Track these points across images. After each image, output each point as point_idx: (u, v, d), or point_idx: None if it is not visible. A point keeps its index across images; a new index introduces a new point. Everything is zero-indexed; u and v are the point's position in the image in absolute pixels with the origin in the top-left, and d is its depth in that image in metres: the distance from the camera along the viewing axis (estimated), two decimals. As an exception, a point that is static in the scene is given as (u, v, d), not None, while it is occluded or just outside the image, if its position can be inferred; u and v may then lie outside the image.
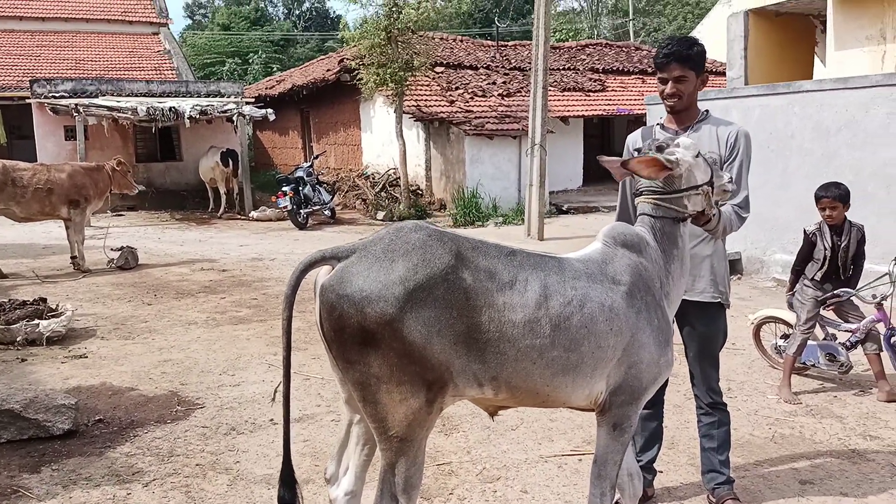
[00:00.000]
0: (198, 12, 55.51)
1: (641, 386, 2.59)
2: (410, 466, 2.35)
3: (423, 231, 2.34)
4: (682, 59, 3.13)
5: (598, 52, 23.04)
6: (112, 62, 21.97)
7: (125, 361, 5.76)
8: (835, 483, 3.68)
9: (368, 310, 2.17)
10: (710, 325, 3.33)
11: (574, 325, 2.40)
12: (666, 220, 2.75)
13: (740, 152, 3.19)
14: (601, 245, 2.69)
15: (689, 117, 3.28)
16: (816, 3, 11.37)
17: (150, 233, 14.04)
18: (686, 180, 2.75)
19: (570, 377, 2.45)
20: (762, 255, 8.47)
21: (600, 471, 2.67)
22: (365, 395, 2.29)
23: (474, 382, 2.35)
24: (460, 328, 2.25)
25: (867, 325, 4.86)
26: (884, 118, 7.31)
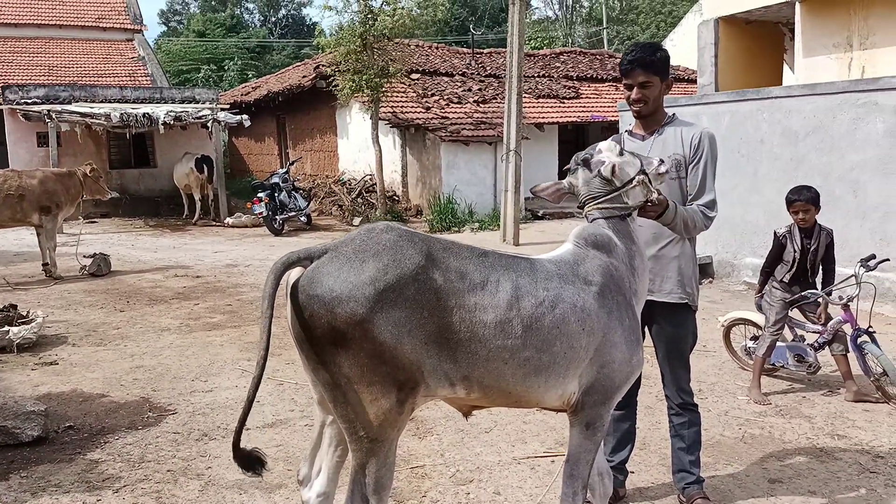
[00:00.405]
0: (173, 19, 55.17)
1: (614, 385, 2.62)
2: (381, 467, 2.34)
3: (394, 232, 2.34)
4: (645, 65, 3.18)
5: (572, 60, 23.22)
6: (85, 68, 21.73)
7: (96, 368, 5.70)
8: (803, 482, 3.74)
9: (338, 310, 2.17)
10: (679, 326, 3.37)
11: (546, 326, 2.41)
12: (616, 218, 2.81)
13: (704, 153, 3.23)
14: (572, 246, 2.73)
15: (656, 122, 3.33)
16: (785, 12, 11.59)
17: (123, 239, 13.90)
18: (619, 179, 2.81)
19: (543, 378, 2.46)
20: (733, 258, 8.58)
21: (572, 470, 2.68)
22: (336, 395, 2.28)
23: (446, 382, 2.35)
24: (431, 328, 2.26)
25: (834, 326, 4.95)
26: (850, 123, 7.46)
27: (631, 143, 3.36)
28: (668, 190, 3.20)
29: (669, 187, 3.22)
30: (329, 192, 18.13)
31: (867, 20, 10.24)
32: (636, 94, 3.22)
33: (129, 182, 18.83)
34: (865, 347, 4.86)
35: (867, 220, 7.31)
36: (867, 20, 10.24)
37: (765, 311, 5.16)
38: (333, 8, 15.58)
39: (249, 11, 56.65)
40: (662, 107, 3.34)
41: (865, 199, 7.35)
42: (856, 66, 10.28)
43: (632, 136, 3.39)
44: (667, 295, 3.31)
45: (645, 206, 2.91)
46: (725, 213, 8.44)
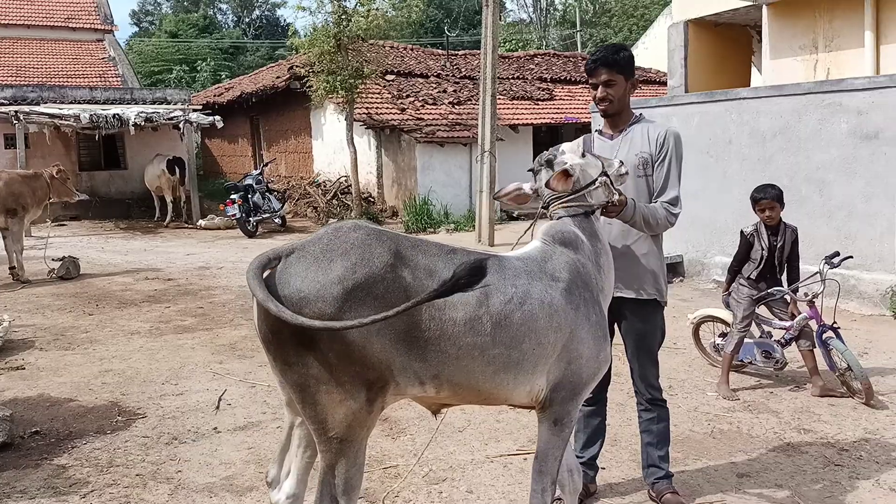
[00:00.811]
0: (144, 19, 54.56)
1: (581, 381, 2.64)
2: (351, 467, 2.33)
3: (363, 230, 2.32)
4: (609, 64, 3.23)
5: (546, 62, 23.36)
6: (54, 69, 21.42)
7: (64, 372, 5.62)
8: (770, 475, 3.80)
9: (306, 310, 2.14)
10: (647, 322, 3.41)
11: (515, 323, 2.42)
12: (580, 216, 2.86)
13: (669, 151, 3.27)
14: (540, 243, 2.75)
15: (623, 121, 3.37)
16: (753, 14, 11.75)
17: (93, 242, 13.72)
18: (582, 179, 2.87)
19: (512, 374, 2.47)
20: (703, 257, 8.69)
21: (541, 466, 2.69)
22: (304, 396, 2.26)
23: (416, 381, 2.34)
24: (400, 327, 2.24)
25: (800, 322, 5.04)
26: (815, 124, 7.59)
27: (600, 142, 3.40)
28: (634, 187, 3.25)
29: (636, 184, 3.27)
30: (304, 193, 18.05)
31: (832, 23, 10.43)
32: (601, 93, 3.26)
33: (100, 184, 18.59)
34: (830, 343, 4.95)
35: (832, 219, 7.44)
36: (832, 23, 10.43)
37: (732, 309, 5.24)
38: (307, 9, 15.48)
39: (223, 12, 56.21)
40: (629, 107, 3.38)
41: (830, 198, 7.48)
42: (821, 67, 10.46)
43: (601, 136, 3.43)
44: (636, 291, 3.34)
45: (607, 205, 2.97)
46: (695, 212, 8.56)
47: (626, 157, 3.26)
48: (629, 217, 3.11)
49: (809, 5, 10.63)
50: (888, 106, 7.04)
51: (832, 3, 10.42)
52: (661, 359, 3.57)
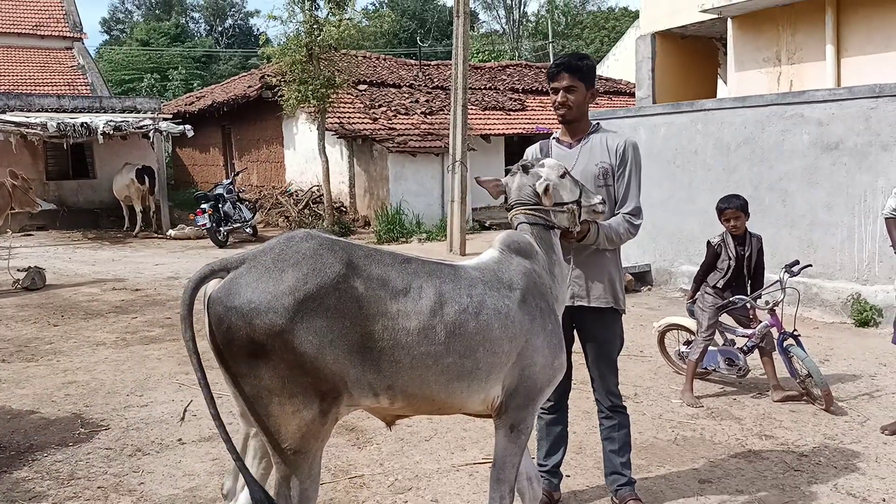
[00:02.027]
0: (115, 27, 54.06)
1: (536, 388, 2.65)
2: (305, 479, 2.30)
3: (315, 240, 2.30)
4: (571, 70, 3.26)
5: (518, 73, 23.54)
6: (22, 77, 21.11)
7: (27, 384, 5.53)
8: (732, 481, 3.86)
9: (257, 321, 2.13)
10: (607, 330, 3.44)
11: (469, 332, 2.42)
12: (539, 226, 2.87)
13: (629, 162, 3.32)
14: (497, 253, 2.76)
15: (581, 129, 3.41)
16: (718, 27, 11.97)
17: (60, 252, 13.52)
18: (552, 199, 2.88)
19: (466, 383, 2.47)
20: (670, 266, 8.80)
21: (499, 474, 2.70)
22: (257, 408, 2.24)
23: (370, 392, 2.33)
24: (354, 337, 2.24)
25: (762, 330, 5.13)
26: (778, 135, 7.74)
27: (559, 150, 3.44)
28: None
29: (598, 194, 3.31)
30: (276, 203, 17.98)
31: (794, 36, 10.67)
32: (561, 98, 3.28)
33: (68, 193, 18.33)
34: (791, 350, 5.04)
35: (795, 228, 7.59)
36: (794, 36, 10.67)
37: (697, 317, 5.31)
38: (279, 18, 15.45)
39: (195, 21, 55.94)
40: (587, 115, 3.42)
41: (793, 207, 7.63)
42: (784, 79, 10.69)
43: (559, 144, 3.46)
44: (596, 300, 3.37)
45: (566, 232, 2.99)
46: (662, 222, 8.69)
47: (585, 166, 3.31)
48: (592, 241, 3.18)
49: (773, 19, 10.87)
50: (848, 117, 7.22)
51: (795, 16, 10.67)
52: (628, 366, 3.62)
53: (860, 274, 7.19)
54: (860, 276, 7.18)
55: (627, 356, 5.35)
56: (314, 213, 16.61)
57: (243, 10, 55.78)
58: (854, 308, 7.13)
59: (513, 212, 2.94)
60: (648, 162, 8.67)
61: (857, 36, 10.02)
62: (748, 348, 5.21)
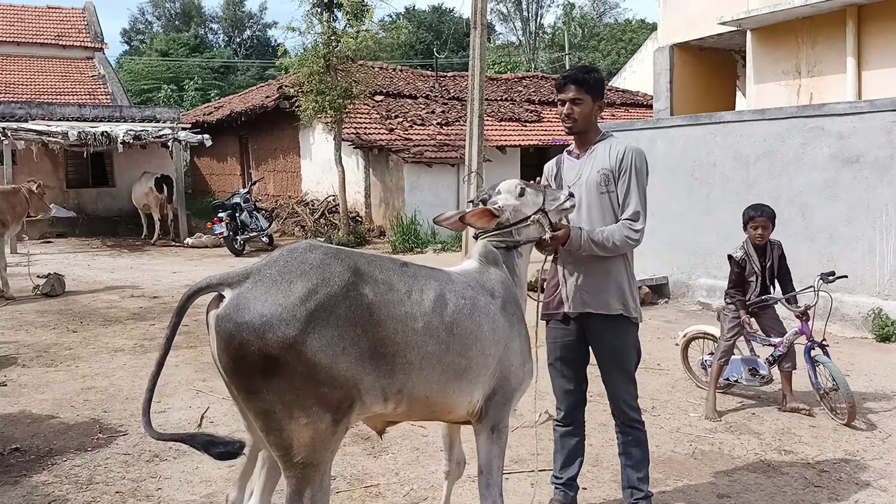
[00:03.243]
0: (135, 38, 54.72)
1: (511, 389, 2.81)
2: (317, 491, 2.30)
3: (319, 250, 2.33)
4: (577, 82, 3.29)
5: (534, 84, 23.58)
6: (44, 86, 21.42)
7: (46, 389, 5.58)
8: (750, 496, 3.81)
9: (270, 335, 2.12)
10: (618, 339, 3.38)
11: (465, 332, 2.55)
12: (502, 248, 3.02)
13: (628, 167, 3.27)
14: (476, 263, 2.94)
15: (589, 141, 3.41)
16: (737, 39, 11.94)
17: (79, 260, 13.65)
18: (513, 218, 3.04)
19: (460, 382, 2.58)
20: (687, 279, 8.75)
21: (488, 480, 2.80)
22: (269, 423, 2.23)
23: (381, 397, 2.35)
24: (366, 344, 2.26)
25: (790, 338, 5.07)
26: (798, 148, 7.70)
27: (569, 162, 3.46)
28: (599, 204, 3.30)
29: (600, 201, 3.30)
30: (292, 212, 18.07)
31: (814, 49, 10.62)
32: (567, 109, 3.30)
33: (87, 201, 18.55)
34: (818, 360, 4.98)
35: (815, 242, 7.53)
36: (814, 49, 10.62)
37: (721, 321, 5.28)
38: (297, 29, 15.59)
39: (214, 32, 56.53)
40: (595, 126, 3.42)
41: (812, 221, 7.57)
42: (804, 92, 10.63)
43: (570, 156, 3.48)
44: (605, 307, 3.33)
45: (541, 242, 3.11)
46: (680, 234, 8.65)
47: (588, 174, 3.31)
48: (576, 247, 3.19)
49: (792, 31, 10.83)
50: (869, 130, 7.16)
51: (815, 29, 10.63)
52: (645, 379, 3.57)
53: (881, 289, 7.11)
54: (881, 291, 7.11)
55: (645, 369, 5.30)
56: (330, 222, 16.68)
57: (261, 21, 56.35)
58: (875, 323, 7.05)
59: (480, 240, 3.07)
60: (666, 174, 8.67)
61: (879, 48, 9.97)
62: (774, 358, 5.15)
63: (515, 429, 4.70)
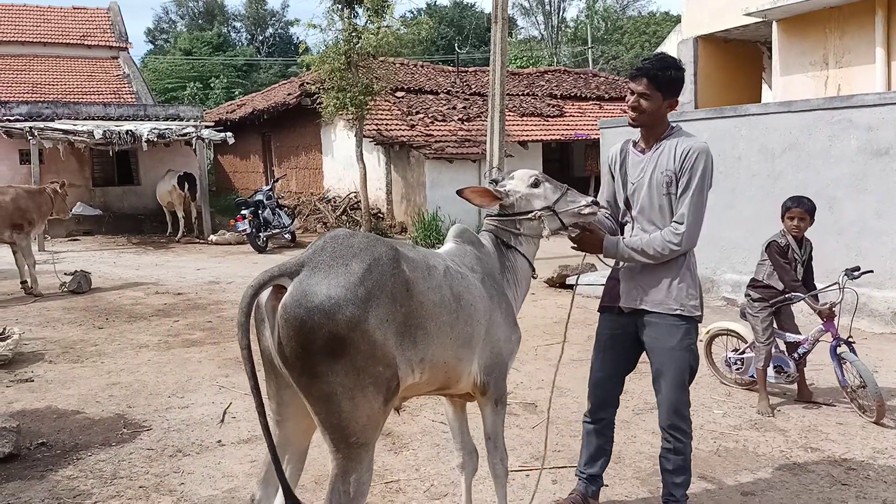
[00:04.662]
0: (160, 37, 55.27)
1: (503, 360, 2.97)
2: (364, 473, 2.36)
3: (360, 234, 2.46)
4: (650, 77, 3.12)
5: (556, 79, 23.44)
6: (69, 86, 21.72)
7: (72, 385, 5.65)
8: (776, 494, 3.76)
9: (339, 315, 2.19)
10: (672, 339, 3.18)
11: (468, 302, 2.72)
12: (500, 240, 3.17)
13: (689, 168, 3.12)
14: (454, 244, 3.07)
15: (655, 136, 3.24)
16: (763, 31, 11.76)
17: (105, 257, 13.82)
18: (520, 207, 3.13)
19: (467, 350, 2.73)
20: (712, 274, 8.64)
21: (495, 444, 3.07)
22: (329, 406, 2.26)
23: (409, 370, 2.45)
24: (400, 318, 2.37)
25: (815, 334, 5.00)
26: (825, 140, 7.56)
27: (633, 155, 3.30)
28: (661, 204, 3.17)
29: (661, 203, 3.17)
30: (314, 209, 18.15)
31: (842, 39, 10.42)
32: (633, 102, 3.17)
33: (113, 199, 18.77)
34: (845, 357, 4.89)
35: (843, 236, 7.39)
36: (842, 39, 10.42)
37: (751, 324, 5.20)
38: (318, 26, 15.62)
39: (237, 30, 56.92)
40: (664, 121, 3.23)
41: (841, 215, 7.43)
42: (832, 84, 10.44)
43: (635, 149, 3.32)
44: (659, 304, 3.19)
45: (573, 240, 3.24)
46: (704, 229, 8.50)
47: (653, 174, 3.18)
48: (612, 254, 3.19)
49: (820, 21, 10.63)
50: (898, 122, 7.01)
51: (842, 19, 10.43)
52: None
53: (911, 283, 6.96)
54: (911, 286, 6.96)
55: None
56: (352, 219, 16.73)
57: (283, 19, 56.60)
58: (903, 318, 6.92)
59: (486, 219, 3.25)
60: (689, 168, 8.56)
61: (908, 38, 9.76)
62: (800, 355, 5.08)
63: (536, 426, 4.68)
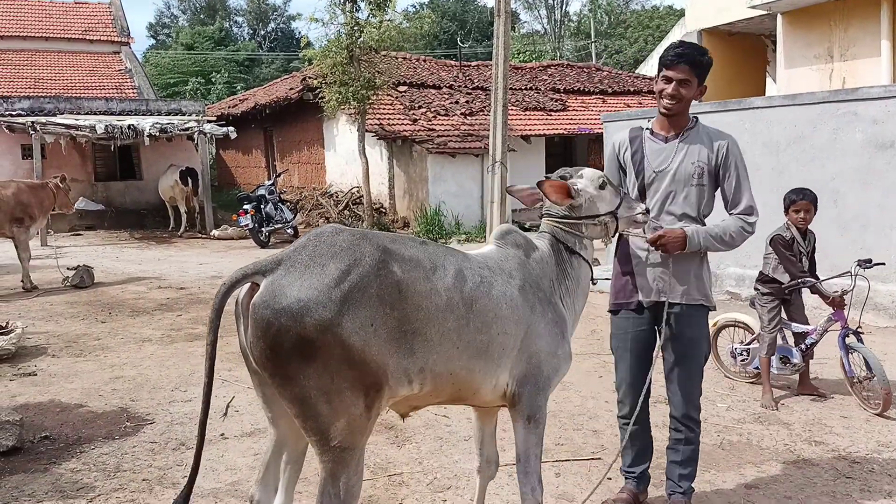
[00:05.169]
0: (161, 32, 55.19)
1: (543, 375, 2.74)
2: (352, 475, 2.32)
3: (346, 232, 2.35)
4: (692, 63, 3.09)
5: (559, 73, 23.39)
6: (71, 81, 21.71)
7: (75, 379, 5.65)
8: (779, 487, 3.75)
9: (307, 319, 2.13)
10: (695, 329, 3.27)
11: (483, 308, 2.54)
12: (563, 245, 2.98)
13: (734, 163, 3.20)
14: (494, 246, 2.89)
15: (679, 125, 3.23)
16: (767, 24, 11.72)
17: (108, 252, 13.83)
18: (587, 210, 2.97)
19: (482, 361, 2.55)
20: (716, 268, 8.60)
21: (526, 467, 2.78)
22: (305, 409, 2.23)
23: (405, 379, 2.36)
24: (392, 323, 2.27)
25: (824, 324, 5.00)
26: (830, 133, 7.53)
27: (653, 143, 3.28)
28: (686, 194, 3.20)
29: (688, 192, 3.20)
30: (316, 204, 18.14)
31: (847, 32, 10.38)
32: (673, 90, 3.11)
33: (115, 194, 18.78)
34: (855, 347, 4.88)
35: (847, 230, 7.36)
36: (847, 32, 10.38)
37: (759, 314, 5.20)
38: (320, 20, 15.59)
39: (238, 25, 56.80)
40: (688, 110, 3.25)
41: (845, 208, 7.41)
42: (836, 76, 10.40)
43: (654, 137, 3.29)
44: (685, 296, 3.23)
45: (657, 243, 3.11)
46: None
47: (682, 163, 3.19)
48: (696, 248, 3.14)
49: (825, 14, 10.59)
50: (903, 115, 6.98)
51: (848, 12, 10.38)
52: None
53: (915, 277, 6.94)
54: (915, 279, 6.94)
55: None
56: (354, 213, 16.72)
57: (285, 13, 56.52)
58: (907, 311, 6.89)
59: (544, 220, 3.04)
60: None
61: (914, 31, 9.71)
62: (807, 346, 5.08)
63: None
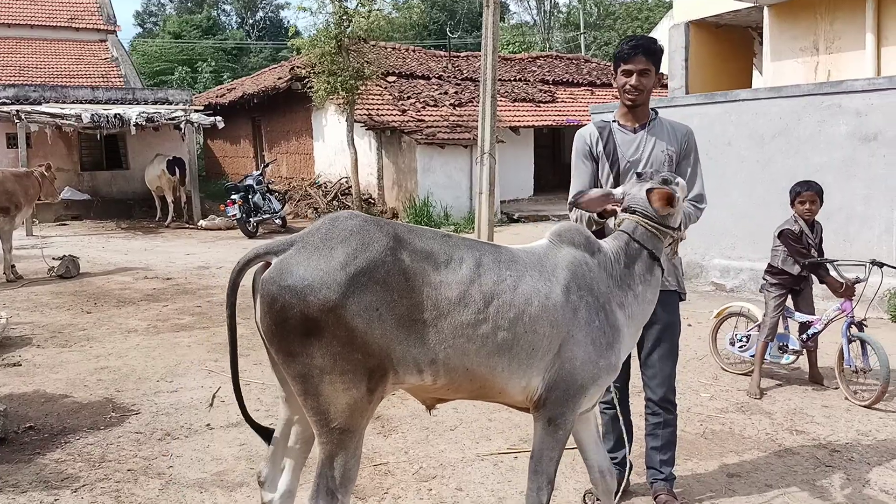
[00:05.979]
0: (148, 20, 54.68)
1: (576, 383, 2.56)
2: (350, 458, 2.35)
3: (359, 218, 2.39)
4: (648, 52, 3.18)
5: (548, 64, 23.37)
6: (57, 69, 21.48)
7: (60, 369, 5.63)
8: (760, 475, 3.79)
9: (311, 298, 2.19)
10: (672, 314, 3.38)
11: (506, 304, 2.42)
12: (645, 249, 2.78)
13: (693, 150, 3.34)
14: (546, 241, 2.73)
15: (644, 115, 3.33)
16: (754, 16, 11.75)
17: (94, 242, 13.75)
18: (670, 220, 2.84)
19: (506, 359, 2.44)
20: (701, 259, 8.67)
21: (536, 466, 2.66)
22: (307, 387, 2.28)
23: (414, 368, 2.35)
24: (400, 310, 2.28)
25: (830, 314, 5.05)
26: (815, 126, 7.58)
27: (622, 134, 3.33)
28: None
29: None
30: (305, 194, 18.09)
31: (833, 25, 10.43)
32: (635, 81, 3.19)
33: (101, 184, 18.65)
34: (862, 337, 4.91)
35: (831, 222, 7.39)
36: (833, 25, 10.43)
37: (765, 300, 5.26)
38: (308, 9, 15.50)
39: (226, 13, 56.33)
40: (649, 102, 3.32)
41: (829, 200, 7.37)
42: (822, 69, 10.46)
43: (622, 128, 3.35)
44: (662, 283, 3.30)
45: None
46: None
47: (652, 152, 3.26)
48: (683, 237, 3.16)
49: (811, 7, 10.63)
50: (887, 108, 7.03)
51: (833, 5, 10.42)
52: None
53: (898, 268, 7.00)
54: (897, 271, 7.00)
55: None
56: (343, 204, 16.67)
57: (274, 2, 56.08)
58: (891, 303, 6.96)
59: (626, 215, 2.84)
60: (680, 153, 8.57)
61: (898, 25, 9.77)
62: (809, 335, 5.14)
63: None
